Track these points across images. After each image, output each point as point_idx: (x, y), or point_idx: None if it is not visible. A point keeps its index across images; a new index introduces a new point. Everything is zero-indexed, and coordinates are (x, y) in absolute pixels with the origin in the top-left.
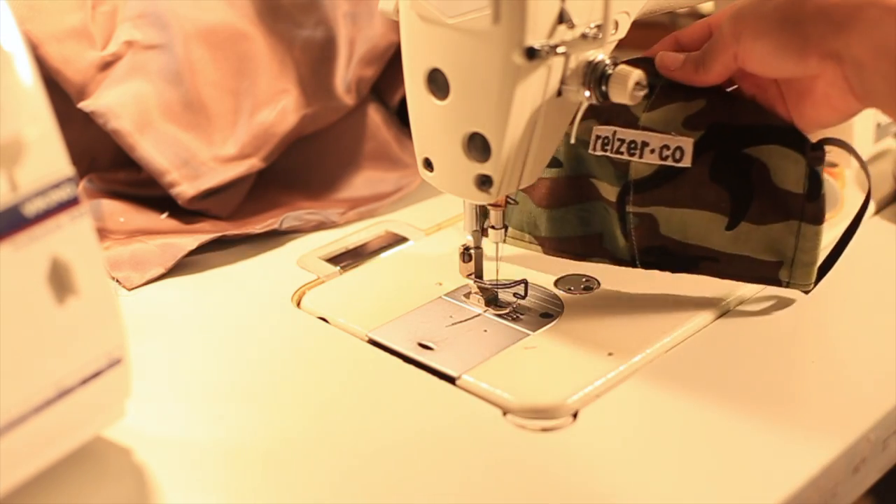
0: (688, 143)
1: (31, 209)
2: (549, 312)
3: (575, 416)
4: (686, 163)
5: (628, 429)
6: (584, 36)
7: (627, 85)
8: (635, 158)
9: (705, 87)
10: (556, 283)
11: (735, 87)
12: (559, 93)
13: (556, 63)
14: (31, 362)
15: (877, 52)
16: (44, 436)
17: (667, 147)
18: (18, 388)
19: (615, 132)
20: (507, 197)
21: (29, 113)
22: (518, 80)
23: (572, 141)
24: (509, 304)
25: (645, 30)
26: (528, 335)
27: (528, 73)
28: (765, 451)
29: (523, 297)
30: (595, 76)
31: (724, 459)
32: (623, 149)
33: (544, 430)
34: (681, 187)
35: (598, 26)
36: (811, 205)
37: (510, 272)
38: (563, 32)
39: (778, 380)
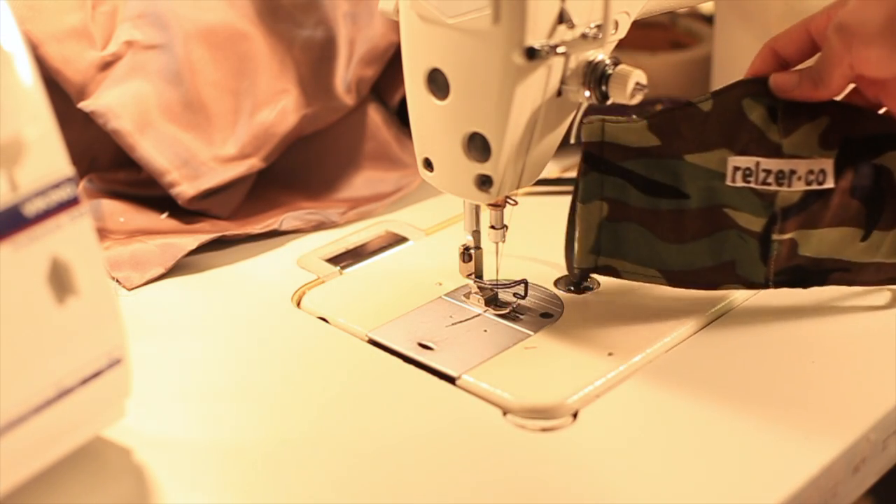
0: (828, 164)
1: (31, 209)
2: (549, 312)
3: (575, 416)
4: (829, 184)
5: (628, 429)
6: (584, 36)
7: (627, 85)
8: (784, 188)
9: (825, 101)
10: (556, 283)
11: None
12: (559, 93)
13: (556, 63)
14: (31, 362)
15: None
16: (44, 436)
17: (812, 171)
18: (18, 388)
19: (758, 163)
20: (507, 197)
21: (29, 113)
22: (518, 80)
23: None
24: (509, 304)
25: (645, 30)
26: (528, 335)
27: (528, 73)
28: (765, 451)
29: (523, 297)
30: (595, 76)
31: (724, 459)
32: (770, 179)
33: (544, 430)
34: (825, 209)
35: (598, 26)
36: None
37: (510, 272)
38: (563, 32)
39: (778, 380)
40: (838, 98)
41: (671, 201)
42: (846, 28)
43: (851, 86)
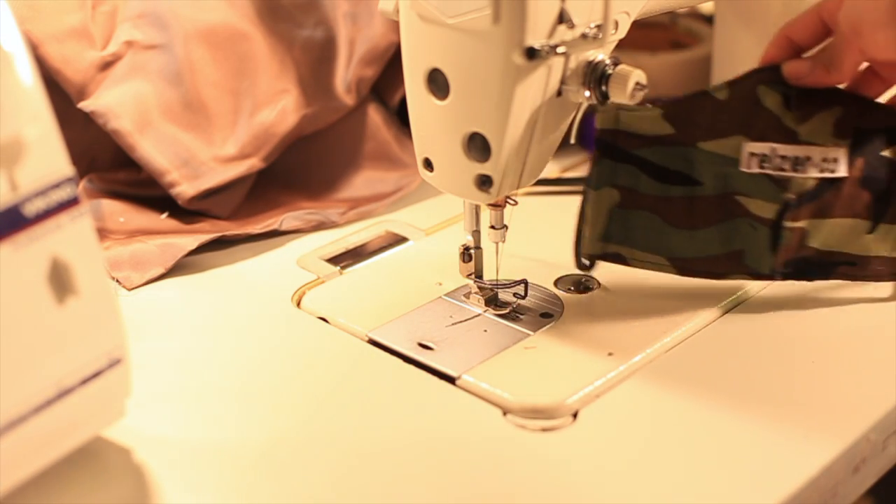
0: (841, 153)
1: (31, 209)
2: (549, 312)
3: (575, 416)
4: (841, 172)
5: (628, 429)
6: (584, 36)
7: (627, 85)
8: (799, 174)
9: (836, 89)
10: (556, 283)
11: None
12: (559, 93)
13: (556, 63)
14: (31, 362)
15: None
16: (44, 436)
17: (826, 159)
18: (18, 388)
19: (774, 149)
20: (507, 197)
21: (29, 113)
22: (518, 80)
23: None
24: (509, 304)
25: (645, 30)
26: (528, 335)
27: (528, 73)
28: (765, 451)
29: (523, 297)
30: (595, 76)
31: (724, 459)
32: (786, 165)
33: (544, 430)
34: (836, 197)
35: (598, 26)
36: None
37: (510, 272)
38: (563, 32)
39: (778, 380)
40: (851, 80)
41: (683, 188)
42: (854, 14)
43: (866, 64)
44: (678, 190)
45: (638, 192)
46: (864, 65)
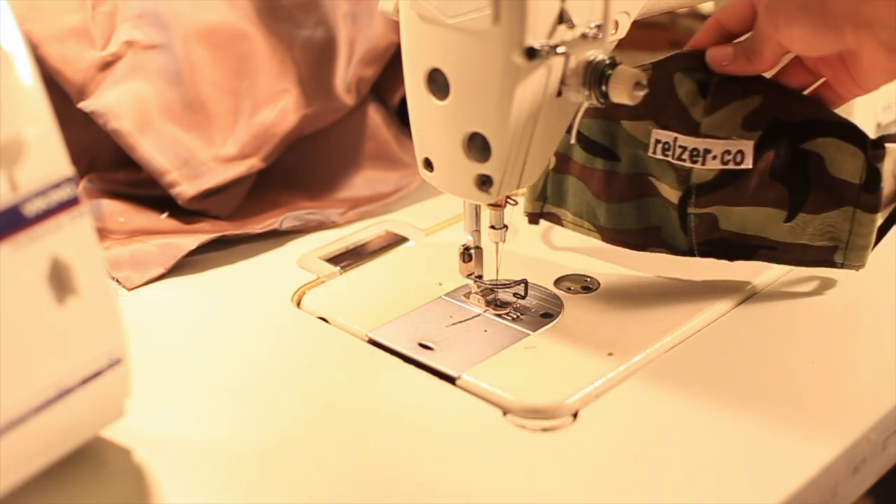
0: (748, 146)
1: (31, 209)
2: (549, 312)
3: (575, 416)
4: (747, 164)
5: (628, 429)
6: (584, 36)
7: (627, 85)
8: (697, 166)
9: (761, 78)
10: (556, 283)
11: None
12: (559, 93)
13: (556, 63)
14: (31, 362)
15: None
16: (44, 436)
17: (728, 152)
18: (18, 388)
19: (676, 139)
20: (507, 197)
21: (29, 113)
22: (518, 80)
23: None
24: (509, 304)
25: (645, 30)
26: (528, 335)
27: (528, 73)
28: (765, 451)
29: (523, 297)
30: (595, 76)
31: (724, 459)
32: (685, 156)
33: (544, 430)
34: (742, 188)
35: (598, 26)
36: (868, 195)
37: (510, 272)
38: (563, 32)
39: (778, 380)
40: (776, 69)
41: (604, 161)
42: (773, 8)
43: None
44: (600, 163)
45: (570, 159)
46: (791, 54)
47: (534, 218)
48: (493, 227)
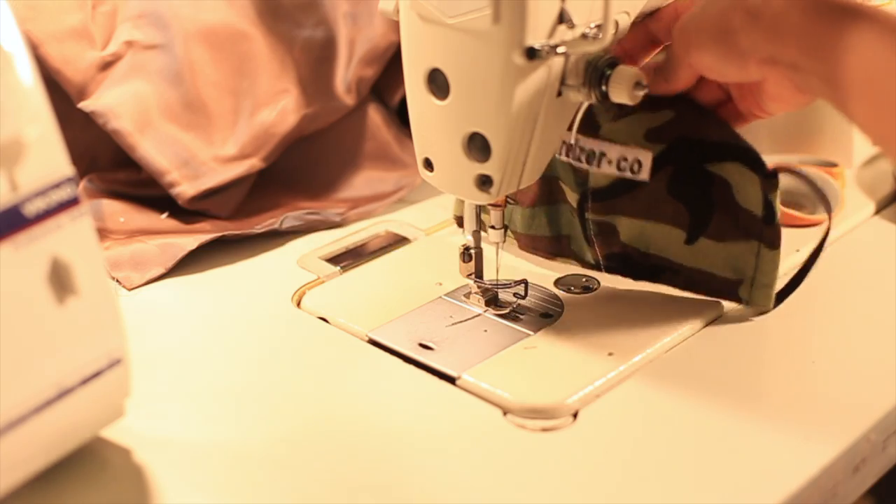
0: (646, 157)
1: (31, 209)
2: (549, 312)
3: (575, 416)
4: (643, 176)
5: (628, 429)
6: (584, 36)
7: (627, 85)
8: (593, 168)
9: (674, 95)
10: (556, 283)
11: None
12: (559, 93)
13: (556, 63)
14: (31, 362)
15: (808, 54)
16: (44, 436)
17: (624, 159)
18: (18, 388)
19: (577, 140)
20: (507, 197)
21: (29, 113)
22: (518, 80)
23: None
24: (509, 304)
25: None
26: (528, 335)
27: (528, 73)
28: (765, 451)
29: (523, 297)
30: (595, 76)
31: (724, 459)
32: (582, 157)
33: (544, 430)
34: (638, 199)
35: (598, 26)
36: (768, 228)
37: (510, 272)
38: (563, 32)
39: (778, 380)
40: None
41: None
42: (685, 32)
43: None
44: None
45: None
46: None
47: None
48: (493, 227)
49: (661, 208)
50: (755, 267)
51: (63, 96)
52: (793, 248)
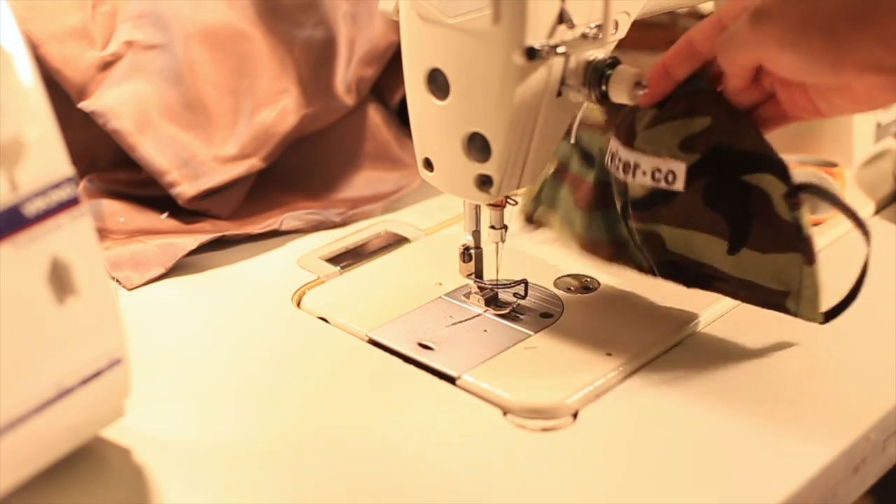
0: (680, 168)
1: (31, 209)
2: (549, 312)
3: (575, 416)
4: (678, 186)
5: (628, 429)
6: (584, 36)
7: (627, 85)
8: (629, 178)
9: (714, 97)
10: (556, 283)
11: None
12: (559, 93)
13: (556, 63)
14: (31, 362)
15: None
16: (44, 435)
17: (658, 170)
18: (18, 388)
19: (618, 149)
20: (507, 197)
21: (29, 113)
22: (518, 80)
23: (570, 141)
24: (509, 304)
25: (645, 30)
26: (528, 335)
27: (528, 73)
28: (765, 451)
29: (523, 297)
30: (595, 76)
31: (724, 459)
32: (620, 167)
33: (544, 430)
34: (676, 209)
35: (598, 26)
36: (802, 244)
37: (510, 272)
38: (563, 32)
39: (778, 380)
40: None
41: (589, 171)
42: (762, 22)
43: None
44: (588, 173)
45: (567, 168)
46: None
47: (529, 218)
48: (493, 227)
49: (700, 218)
50: (800, 281)
51: (63, 96)
52: None
